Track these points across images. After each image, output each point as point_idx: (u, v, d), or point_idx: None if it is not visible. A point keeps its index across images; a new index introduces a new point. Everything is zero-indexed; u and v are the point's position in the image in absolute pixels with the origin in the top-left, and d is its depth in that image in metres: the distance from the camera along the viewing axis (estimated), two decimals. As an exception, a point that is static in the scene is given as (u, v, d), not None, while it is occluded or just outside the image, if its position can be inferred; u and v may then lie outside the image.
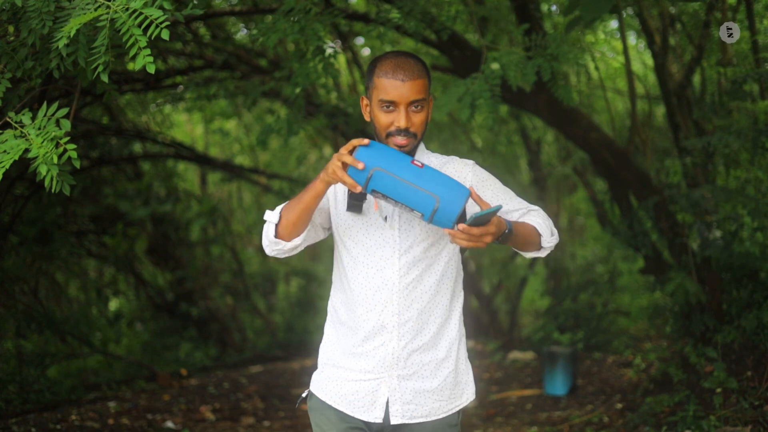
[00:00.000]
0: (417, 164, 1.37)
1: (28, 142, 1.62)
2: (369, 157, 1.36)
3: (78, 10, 1.61)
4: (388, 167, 1.35)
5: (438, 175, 1.38)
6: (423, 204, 1.35)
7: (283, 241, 1.50)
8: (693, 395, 3.12)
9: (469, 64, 3.33)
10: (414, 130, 1.47)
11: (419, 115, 1.48)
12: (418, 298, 1.52)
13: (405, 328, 1.52)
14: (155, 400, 4.42)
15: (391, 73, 1.46)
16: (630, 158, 3.92)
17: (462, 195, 1.36)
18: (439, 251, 1.53)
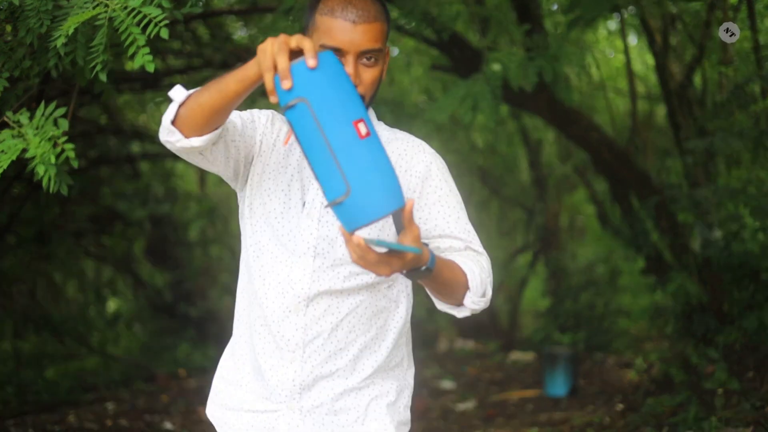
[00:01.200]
0: (360, 129, 0.93)
1: (26, 142, 1.60)
2: (311, 79, 0.93)
3: (76, 9, 1.60)
4: (319, 109, 0.93)
5: (377, 159, 0.94)
6: (330, 183, 0.94)
7: (178, 133, 1.08)
8: (694, 396, 3.12)
9: (470, 64, 3.32)
10: (362, 90, 1.09)
11: (371, 71, 1.10)
12: (334, 308, 1.13)
13: (312, 346, 1.13)
14: (154, 401, 4.40)
15: (339, 11, 1.08)
16: (631, 158, 3.91)
17: (386, 205, 0.93)
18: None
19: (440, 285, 1.07)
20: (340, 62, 0.98)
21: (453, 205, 1.17)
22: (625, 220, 4.00)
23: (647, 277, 4.27)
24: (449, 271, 1.07)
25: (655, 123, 5.49)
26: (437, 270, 1.02)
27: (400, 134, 1.22)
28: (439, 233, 1.15)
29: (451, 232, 1.15)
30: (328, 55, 0.97)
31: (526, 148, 5.83)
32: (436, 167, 1.18)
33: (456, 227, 1.16)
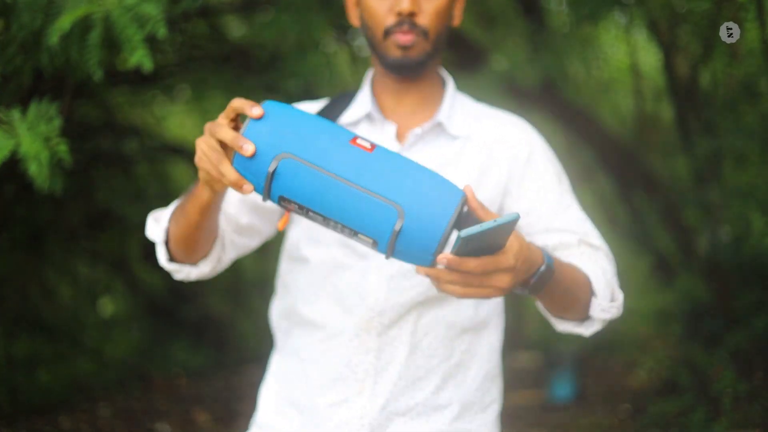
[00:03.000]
0: (363, 145, 0.73)
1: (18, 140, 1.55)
2: (271, 133, 0.71)
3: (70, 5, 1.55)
4: (304, 152, 0.70)
5: (401, 164, 0.73)
6: (374, 220, 0.71)
7: (185, 266, 0.98)
8: (702, 398, 3.08)
9: (474, 61, 3.27)
10: (424, 22, 0.93)
11: (433, 2, 0.93)
12: (412, 325, 0.93)
13: (384, 377, 0.93)
14: (149, 403, 4.35)
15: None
16: (637, 157, 3.87)
17: (450, 199, 0.71)
18: None
19: (560, 295, 0.84)
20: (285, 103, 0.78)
21: (561, 192, 0.98)
22: (631, 219, 3.96)
23: (654, 278, 4.23)
24: (570, 275, 0.83)
25: (661, 122, 5.45)
26: (557, 274, 0.78)
27: (491, 110, 1.04)
28: (545, 226, 0.93)
29: (561, 225, 0.93)
30: (268, 103, 0.76)
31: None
32: (541, 148, 1.01)
33: (565, 218, 0.94)
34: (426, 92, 1.00)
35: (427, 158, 0.95)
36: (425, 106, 0.99)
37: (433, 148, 0.97)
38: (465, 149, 0.97)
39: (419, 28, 0.94)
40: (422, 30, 0.94)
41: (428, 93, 1.00)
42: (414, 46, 0.95)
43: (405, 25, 0.94)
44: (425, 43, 0.96)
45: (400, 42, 0.94)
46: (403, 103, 0.99)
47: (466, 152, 0.97)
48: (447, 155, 0.96)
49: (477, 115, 1.01)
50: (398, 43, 0.94)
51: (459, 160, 0.96)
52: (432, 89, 1.00)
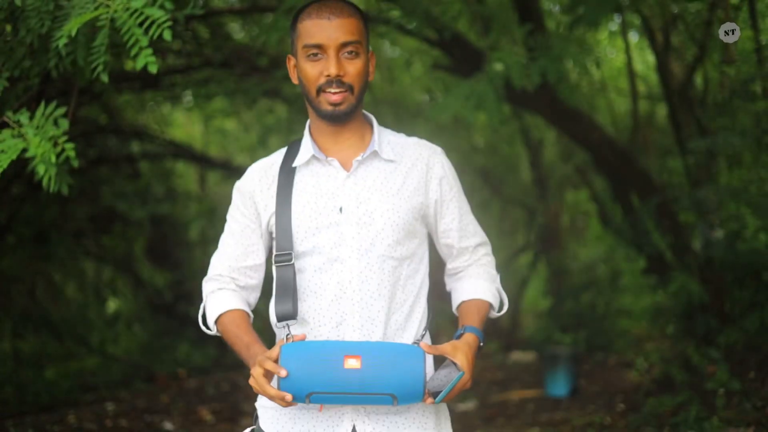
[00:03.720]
0: (353, 365, 1.11)
1: (26, 142, 1.60)
2: (294, 366, 1.12)
3: (77, 9, 1.59)
4: (323, 385, 1.11)
5: (381, 359, 1.12)
6: (379, 401, 1.14)
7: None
8: (695, 396, 3.11)
9: (471, 64, 3.31)
10: (349, 80, 1.20)
11: (354, 63, 1.20)
12: (383, 308, 1.22)
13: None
14: (153, 401, 4.39)
15: (315, 14, 1.21)
16: (632, 158, 3.91)
17: (417, 367, 1.12)
18: (410, 252, 1.26)
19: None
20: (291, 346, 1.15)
21: (463, 201, 1.33)
22: (626, 219, 3.99)
23: (648, 277, 4.26)
24: (483, 316, 1.27)
25: (656, 123, 5.48)
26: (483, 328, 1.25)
27: (411, 139, 1.32)
28: (456, 227, 1.31)
29: (464, 227, 1.32)
30: (285, 348, 1.15)
31: (527, 148, 5.82)
32: (449, 168, 1.32)
33: (467, 221, 1.33)
34: (357, 131, 1.28)
35: (369, 178, 1.26)
36: (358, 141, 1.28)
37: (372, 170, 1.27)
38: (397, 169, 1.27)
39: (346, 85, 1.21)
40: (348, 86, 1.22)
41: (358, 131, 1.28)
42: (343, 102, 1.22)
43: (333, 84, 1.21)
44: (351, 96, 1.23)
45: (330, 100, 1.22)
46: (339, 142, 1.27)
47: (397, 171, 1.27)
48: (384, 174, 1.27)
49: (400, 143, 1.30)
50: (329, 100, 1.22)
51: (394, 178, 1.27)
52: (361, 127, 1.29)
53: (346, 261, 1.23)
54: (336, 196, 1.23)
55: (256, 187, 1.28)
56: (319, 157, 1.25)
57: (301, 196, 1.24)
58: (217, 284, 1.31)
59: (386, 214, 1.23)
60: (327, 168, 1.26)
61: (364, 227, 1.23)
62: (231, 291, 1.30)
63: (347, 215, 1.23)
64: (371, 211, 1.23)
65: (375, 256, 1.23)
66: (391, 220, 1.24)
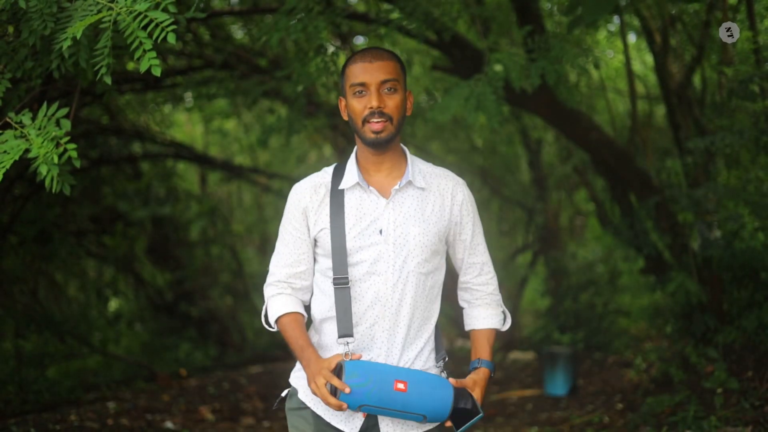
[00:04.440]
0: (401, 388, 1.40)
1: (29, 143, 1.61)
2: (355, 383, 1.39)
3: (80, 12, 1.61)
4: (374, 401, 1.39)
5: (423, 388, 1.42)
6: (412, 418, 1.44)
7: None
8: (694, 395, 3.12)
9: (471, 65, 3.32)
10: (389, 111, 1.45)
11: (393, 98, 1.46)
12: (409, 314, 1.50)
13: (394, 343, 1.50)
14: (155, 400, 4.41)
15: (359, 58, 1.48)
16: (630, 158, 3.91)
17: (447, 399, 1.43)
18: (434, 267, 1.53)
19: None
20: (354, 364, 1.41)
21: (477, 225, 1.60)
22: (624, 219, 4.00)
23: (647, 277, 4.27)
24: (491, 344, 1.60)
25: (654, 123, 5.49)
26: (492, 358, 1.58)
27: (438, 170, 1.59)
28: (471, 247, 1.59)
29: (474, 259, 1.60)
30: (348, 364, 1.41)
31: (526, 148, 5.84)
32: (469, 196, 1.59)
33: (476, 251, 1.60)
34: (395, 161, 1.54)
35: (405, 204, 1.52)
36: (395, 170, 1.54)
37: (407, 198, 1.53)
38: (427, 197, 1.54)
39: (386, 115, 1.46)
40: (388, 117, 1.46)
41: (396, 161, 1.54)
42: (384, 130, 1.46)
43: (376, 115, 1.45)
44: (391, 126, 1.47)
45: (373, 128, 1.46)
46: (381, 169, 1.53)
47: (428, 199, 1.54)
48: (417, 201, 1.53)
49: (429, 172, 1.57)
50: (372, 129, 1.46)
51: (424, 205, 1.53)
52: (399, 158, 1.54)
53: (382, 274, 1.49)
54: (377, 220, 1.49)
55: (308, 204, 1.52)
56: (362, 185, 1.51)
57: (349, 218, 1.50)
58: (276, 289, 1.56)
59: (418, 237, 1.50)
60: (369, 194, 1.52)
61: (399, 247, 1.49)
62: (287, 295, 1.55)
63: (386, 236, 1.49)
64: (405, 234, 1.49)
65: (407, 271, 1.49)
66: (422, 242, 1.50)
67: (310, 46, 2.88)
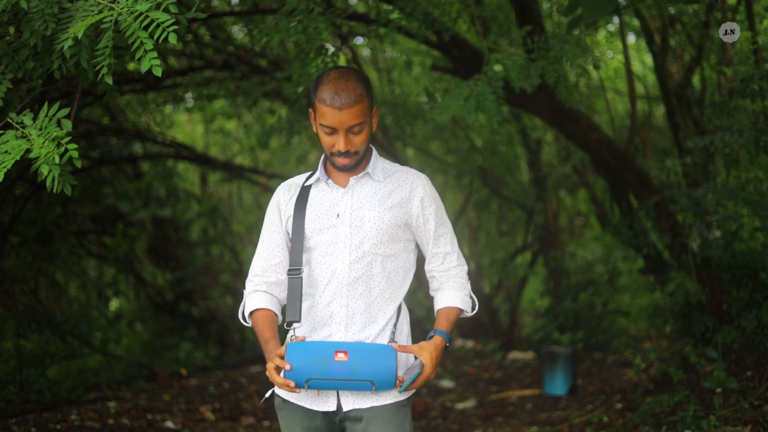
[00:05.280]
0: (341, 358, 1.48)
1: (30, 143, 1.62)
2: (295, 360, 1.48)
3: (81, 12, 1.61)
4: (317, 374, 1.48)
5: (363, 354, 1.48)
6: (362, 386, 1.50)
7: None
8: (693, 395, 3.13)
9: (470, 65, 3.33)
10: (355, 149, 1.58)
11: (359, 137, 1.58)
12: (366, 291, 1.59)
13: (353, 320, 1.58)
14: (155, 400, 4.42)
15: (329, 100, 1.55)
16: (630, 158, 3.92)
17: (390, 362, 1.48)
18: (395, 251, 1.61)
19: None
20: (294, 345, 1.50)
21: (441, 219, 1.67)
22: (624, 219, 4.01)
23: (646, 277, 4.27)
24: (452, 319, 1.62)
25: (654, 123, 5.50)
26: (450, 331, 1.60)
27: (401, 167, 1.70)
28: (431, 236, 1.66)
29: (438, 249, 1.67)
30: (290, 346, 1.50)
31: (526, 148, 5.84)
32: (431, 189, 1.68)
33: (440, 241, 1.67)
34: (359, 165, 1.64)
35: (362, 192, 1.63)
36: (358, 169, 1.65)
37: (364, 187, 1.64)
38: (384, 187, 1.65)
39: (352, 153, 1.59)
40: (354, 153, 1.59)
41: (360, 165, 1.65)
42: (350, 163, 1.60)
43: (342, 155, 1.58)
44: (357, 156, 1.60)
45: (340, 163, 1.59)
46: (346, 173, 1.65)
47: (384, 189, 1.65)
48: (373, 190, 1.64)
49: (390, 169, 1.68)
50: (340, 163, 1.59)
51: (380, 194, 1.64)
52: (363, 162, 1.65)
53: (339, 254, 1.59)
54: (335, 206, 1.62)
55: (281, 199, 1.67)
56: (323, 179, 1.66)
57: (310, 207, 1.63)
58: (253, 286, 1.66)
59: (374, 219, 1.60)
60: (330, 187, 1.65)
61: (355, 229, 1.60)
62: (263, 292, 1.65)
63: (342, 219, 1.60)
64: (362, 217, 1.60)
65: (362, 251, 1.59)
66: (377, 225, 1.60)
67: (311, 46, 2.89)
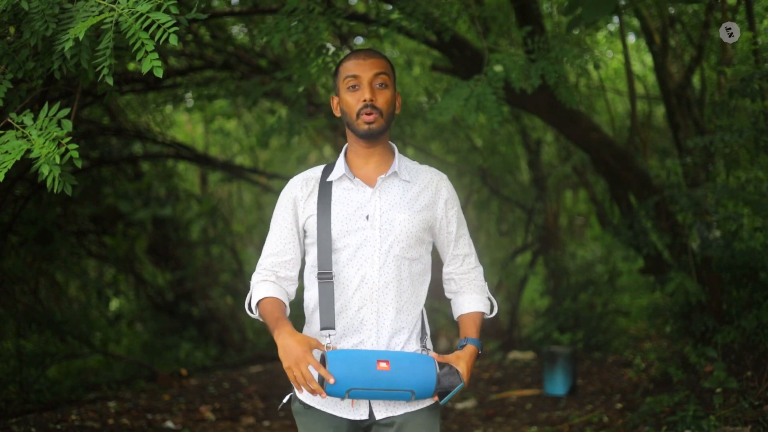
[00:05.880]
0: (384, 367, 1.44)
1: (30, 143, 1.62)
2: (338, 370, 1.42)
3: (81, 12, 1.61)
4: (360, 383, 1.43)
5: (404, 364, 1.47)
6: (402, 396, 1.47)
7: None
8: (693, 395, 3.13)
9: (470, 65, 3.33)
10: (380, 106, 1.54)
11: (384, 93, 1.55)
12: (396, 297, 1.55)
13: (384, 327, 1.54)
14: (155, 400, 4.42)
15: (353, 56, 1.58)
16: (630, 158, 3.92)
17: (431, 373, 1.47)
18: (419, 254, 1.58)
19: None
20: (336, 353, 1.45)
21: (461, 219, 1.67)
22: (624, 219, 4.01)
23: (646, 277, 4.28)
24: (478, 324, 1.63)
25: (654, 123, 5.51)
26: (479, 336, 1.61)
27: (423, 166, 1.67)
28: (453, 238, 1.65)
29: (457, 250, 1.65)
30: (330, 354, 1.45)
31: (526, 149, 5.84)
32: (453, 191, 1.67)
33: (460, 242, 1.66)
34: (383, 156, 1.61)
35: (390, 193, 1.59)
36: (382, 164, 1.61)
37: (392, 187, 1.60)
38: (412, 188, 1.61)
39: (377, 109, 1.55)
40: (379, 111, 1.55)
41: (384, 156, 1.61)
42: (375, 122, 1.55)
43: (368, 107, 1.54)
44: (381, 119, 1.56)
45: (366, 120, 1.54)
46: (369, 163, 1.61)
47: (412, 190, 1.61)
48: (402, 191, 1.60)
49: (414, 168, 1.65)
50: (365, 120, 1.55)
51: (409, 195, 1.60)
52: (387, 154, 1.62)
53: (369, 258, 1.55)
54: (363, 206, 1.56)
55: (298, 194, 1.59)
56: (348, 176, 1.59)
57: (336, 206, 1.56)
58: (261, 276, 1.59)
59: (404, 222, 1.56)
60: (355, 185, 1.59)
61: (385, 232, 1.55)
62: (271, 282, 1.58)
63: (372, 222, 1.55)
64: (391, 220, 1.56)
65: (393, 255, 1.55)
66: (407, 228, 1.56)
67: (311, 46, 2.89)
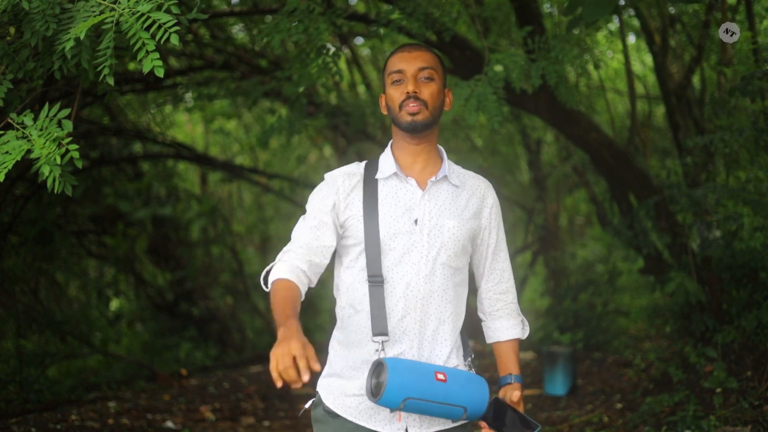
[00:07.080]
0: (441, 379, 1.39)
1: (30, 143, 1.62)
2: (398, 378, 1.35)
3: (82, 12, 1.61)
4: (419, 393, 1.36)
5: (459, 379, 1.42)
6: (453, 412, 1.41)
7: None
8: (693, 395, 3.13)
9: (471, 65, 3.33)
10: (424, 97, 1.46)
11: (429, 86, 1.47)
12: (440, 308, 1.48)
13: (425, 338, 1.47)
14: (155, 400, 4.42)
15: (398, 51, 1.52)
16: (630, 158, 3.92)
17: (484, 391, 1.44)
18: (463, 264, 1.51)
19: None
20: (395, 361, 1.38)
21: (502, 231, 1.60)
22: (624, 219, 4.01)
23: (646, 277, 4.28)
24: (517, 354, 1.61)
25: (654, 123, 5.51)
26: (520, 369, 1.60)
27: (470, 172, 1.61)
28: (495, 252, 1.58)
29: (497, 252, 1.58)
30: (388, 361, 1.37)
31: (526, 149, 5.85)
32: (497, 201, 1.60)
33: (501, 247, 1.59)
34: (430, 155, 1.53)
35: (440, 197, 1.51)
36: (430, 165, 1.53)
37: (442, 192, 1.52)
38: (461, 194, 1.55)
39: (421, 100, 1.47)
40: (423, 102, 1.47)
41: (432, 156, 1.53)
42: (419, 113, 1.47)
43: (411, 98, 1.46)
44: (426, 111, 1.47)
45: (409, 110, 1.46)
46: (416, 161, 1.52)
47: (462, 196, 1.55)
48: (452, 196, 1.53)
49: (462, 173, 1.59)
50: (408, 111, 1.47)
51: (459, 201, 1.53)
52: (434, 154, 1.54)
53: (415, 264, 1.46)
54: (412, 209, 1.47)
55: (340, 187, 1.49)
56: (400, 174, 1.50)
57: (383, 206, 1.47)
58: (290, 255, 1.46)
59: (453, 230, 1.49)
60: (405, 185, 1.50)
61: (433, 238, 1.47)
62: (296, 266, 1.45)
63: (421, 227, 1.47)
64: (440, 226, 1.48)
65: (439, 263, 1.47)
66: (455, 236, 1.49)
67: (311, 46, 2.89)
